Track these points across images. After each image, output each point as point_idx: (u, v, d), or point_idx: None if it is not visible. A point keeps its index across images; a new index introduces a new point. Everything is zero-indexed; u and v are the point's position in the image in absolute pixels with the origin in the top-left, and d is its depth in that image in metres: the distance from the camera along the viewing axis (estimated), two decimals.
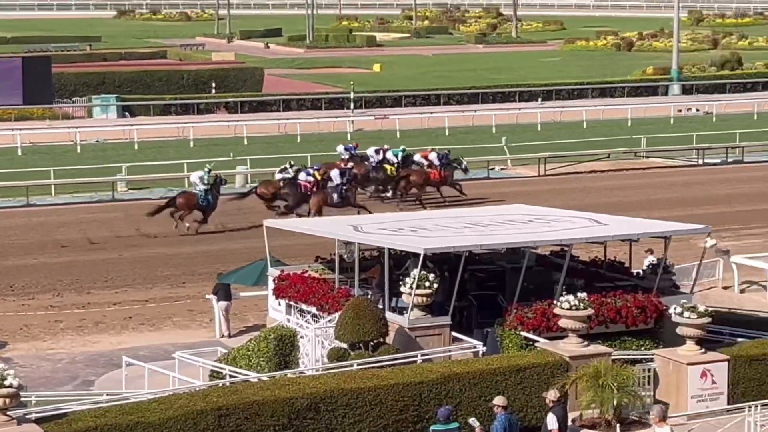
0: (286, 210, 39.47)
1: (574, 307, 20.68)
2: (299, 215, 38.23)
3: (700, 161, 51.26)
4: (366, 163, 42.80)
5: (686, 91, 77.76)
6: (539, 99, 72.83)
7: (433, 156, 43.04)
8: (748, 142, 53.30)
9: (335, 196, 39.28)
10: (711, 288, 30.41)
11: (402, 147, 44.94)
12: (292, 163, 41.48)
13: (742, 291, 30.51)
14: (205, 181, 39.00)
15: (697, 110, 67.99)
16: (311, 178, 39.80)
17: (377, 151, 43.34)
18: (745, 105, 67.49)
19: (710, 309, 21.46)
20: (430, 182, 42.44)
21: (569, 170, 49.55)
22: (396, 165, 42.69)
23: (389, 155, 43.08)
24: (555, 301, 21.22)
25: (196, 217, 38.96)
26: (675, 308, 20.75)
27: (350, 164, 41.28)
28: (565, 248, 23.81)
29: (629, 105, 66.88)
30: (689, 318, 20.53)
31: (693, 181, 47.32)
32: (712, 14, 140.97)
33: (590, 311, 20.97)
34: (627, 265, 25.61)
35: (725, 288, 30.59)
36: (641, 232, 24.73)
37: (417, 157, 43.31)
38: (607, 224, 25.54)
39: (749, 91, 77.14)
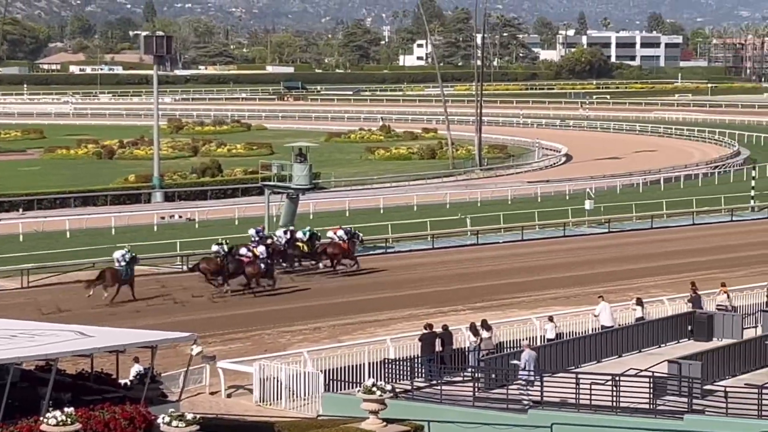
0: (224, 281, 45.38)
1: (61, 423, 20.24)
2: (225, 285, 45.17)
3: (185, 267, 51.83)
4: (277, 242, 49.62)
5: (169, 198, 78.81)
6: (20, 209, 71.32)
7: (341, 232, 50.90)
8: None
9: (262, 266, 45.88)
10: (198, 394, 30.70)
11: (308, 227, 52.11)
12: (226, 240, 47.07)
13: (229, 396, 31.01)
14: (127, 259, 44.70)
15: (180, 216, 68.84)
16: (250, 254, 46.07)
17: (285, 232, 50.60)
18: (226, 211, 69.10)
19: (198, 416, 21.61)
20: (345, 253, 50.39)
21: (53, 281, 48.57)
22: (306, 242, 50.50)
23: (299, 234, 50.72)
24: (42, 418, 20.67)
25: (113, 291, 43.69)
26: (163, 417, 20.77)
27: (268, 242, 48.26)
28: (51, 362, 23.30)
29: (112, 213, 66.73)
30: (177, 427, 20.60)
31: (177, 287, 47.69)
32: (191, 122, 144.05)
33: (78, 426, 20.59)
34: (114, 376, 25.40)
35: (212, 393, 30.99)
36: (127, 342, 24.67)
37: (330, 234, 51.23)
38: (93, 336, 25.25)
39: (230, 197, 79.31)
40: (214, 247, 46.67)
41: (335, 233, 51.27)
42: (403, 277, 50.01)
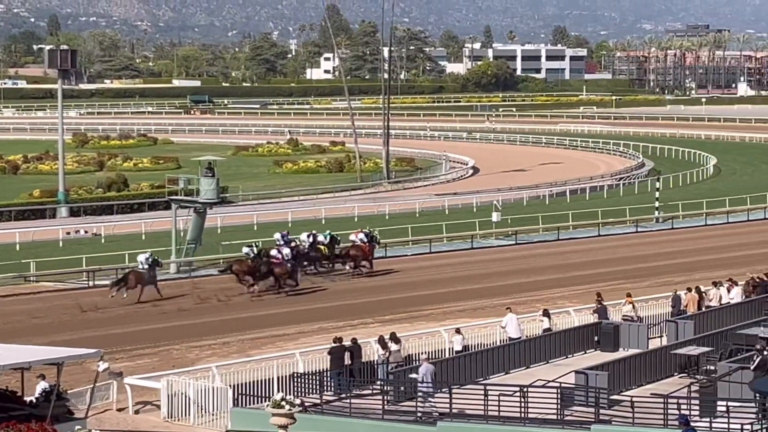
0: (254, 282, 47.60)
1: None
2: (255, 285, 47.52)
3: (91, 283, 51.32)
4: (301, 245, 51.52)
5: (74, 213, 77.99)
6: None
7: (361, 235, 53.04)
8: (136, 263, 53.83)
9: (289, 267, 48.38)
10: (106, 411, 30.40)
11: (328, 232, 54.16)
12: (257, 243, 50.62)
13: (136, 412, 30.75)
14: (150, 262, 47.47)
15: (86, 232, 68.14)
16: (279, 255, 48.46)
17: (308, 236, 52.51)
18: (133, 226, 68.53)
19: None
20: (365, 256, 52.43)
21: None
22: (326, 245, 52.46)
23: (320, 238, 52.55)
24: None
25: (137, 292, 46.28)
26: None
27: (292, 245, 50.15)
28: None
29: (17, 229, 65.88)
30: None
31: (83, 303, 47.18)
32: (97, 136, 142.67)
33: None
34: (20, 393, 25.07)
35: (120, 410, 30.71)
36: (32, 359, 24.36)
37: (352, 237, 53.45)
38: None
39: (136, 211, 78.65)
40: (245, 249, 49.94)
41: (356, 236, 53.55)
42: (311, 291, 49.91)
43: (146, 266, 47.53)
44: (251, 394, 30.05)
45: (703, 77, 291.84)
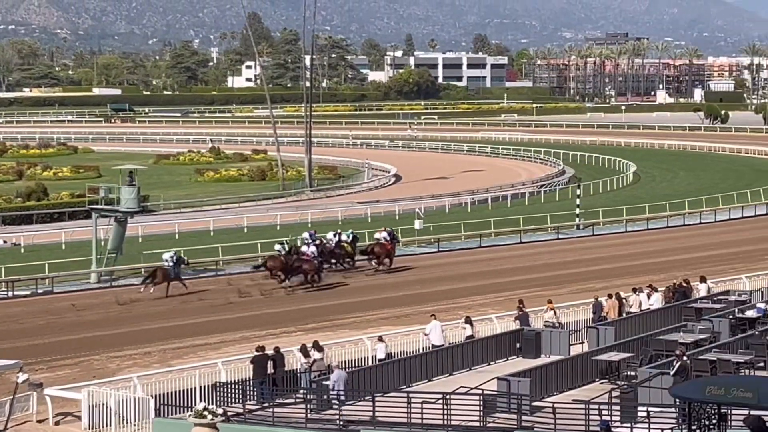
0: (286, 277, 50.72)
1: None
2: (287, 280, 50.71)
3: (10, 293, 50.75)
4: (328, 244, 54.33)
5: None
6: None
7: (384, 234, 56.35)
8: (57, 272, 53.47)
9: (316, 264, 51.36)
10: (26, 422, 30.06)
11: (350, 231, 57.41)
12: (287, 240, 53.28)
13: (57, 423, 30.42)
14: (174, 260, 50.12)
15: (5, 242, 67.35)
16: (310, 252, 51.41)
17: (334, 235, 55.35)
18: (53, 235, 67.84)
19: None
20: (387, 253, 55.64)
21: None
22: (349, 244, 55.43)
23: (344, 237, 55.38)
24: None
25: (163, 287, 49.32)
26: None
27: (317, 242, 52.76)
28: None
29: None
30: None
31: (6, 314, 46.65)
32: (16, 145, 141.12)
33: None
34: None
35: (40, 421, 30.37)
36: None
37: (377, 235, 56.96)
38: None
39: (56, 221, 77.85)
40: (277, 246, 52.41)
41: (380, 234, 56.76)
42: (234, 300, 49.71)
43: (171, 263, 50.21)
44: (173, 404, 29.84)
45: (623, 85, 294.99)
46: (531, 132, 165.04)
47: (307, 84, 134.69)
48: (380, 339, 34.41)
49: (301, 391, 30.59)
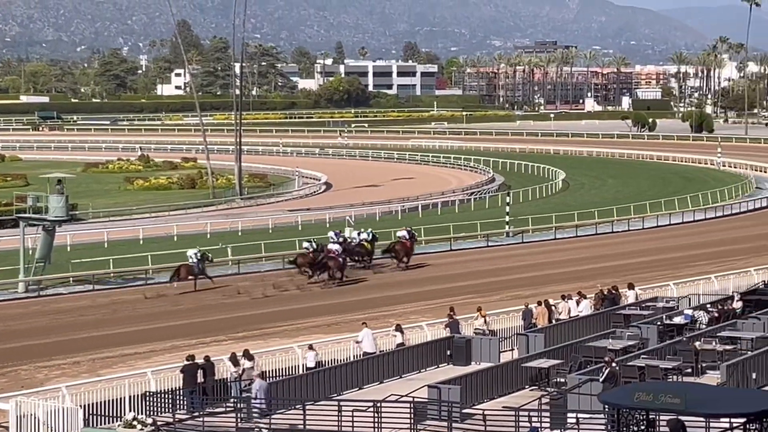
0: (313, 273, 54.29)
1: None
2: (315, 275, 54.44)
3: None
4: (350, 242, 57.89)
5: None
6: None
7: (404, 233, 60.41)
8: None
9: (340, 261, 54.81)
10: None
11: (370, 230, 60.73)
12: (314, 238, 56.98)
13: None
14: (198, 257, 53.34)
15: None
16: (335, 249, 54.77)
17: (359, 234, 59.21)
18: None
19: None
20: (407, 251, 59.35)
21: None
22: (369, 242, 58.64)
23: (362, 236, 58.70)
24: None
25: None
26: None
27: (340, 240, 56.25)
28: None
29: None
30: None
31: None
32: None
33: None
34: None
35: None
36: None
37: (400, 233, 60.87)
38: None
39: None
40: (305, 244, 56.18)
41: (401, 233, 60.58)
42: (163, 309, 49.48)
43: (195, 260, 53.47)
44: (102, 414, 29.60)
45: (552, 93, 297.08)
46: (461, 140, 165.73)
47: (237, 92, 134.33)
48: (311, 347, 34.37)
49: (232, 401, 30.47)
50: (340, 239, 56.76)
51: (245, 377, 31.72)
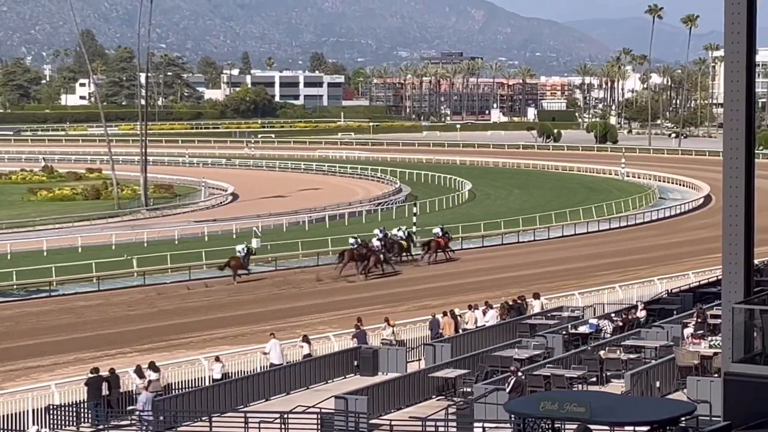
0: (360, 266, 59.66)
1: None
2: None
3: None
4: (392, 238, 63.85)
5: None
6: None
7: (437, 230, 66.18)
8: None
9: (381, 257, 60.51)
10: None
11: (405, 227, 67.30)
12: (357, 236, 62.09)
13: None
14: (245, 251, 59.47)
15: None
16: (376, 245, 60.81)
17: (399, 230, 65.54)
18: None
19: None
20: (441, 247, 65.19)
21: None
22: (405, 239, 64.67)
23: (399, 233, 64.69)
24: None
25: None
26: None
27: (380, 236, 62.37)
28: None
29: None
30: None
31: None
32: None
33: None
34: None
35: None
36: None
37: (434, 231, 66.71)
38: None
39: None
40: (351, 240, 60.82)
41: (436, 230, 66.28)
42: (66, 321, 48.92)
43: (243, 254, 59.21)
44: (5, 427, 29.18)
45: (458, 104, 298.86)
46: (368, 150, 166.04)
47: (143, 102, 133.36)
48: (217, 359, 34.17)
49: (137, 413, 30.19)
50: (379, 236, 62.54)
51: (151, 389, 31.46)
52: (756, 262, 34.11)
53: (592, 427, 18.93)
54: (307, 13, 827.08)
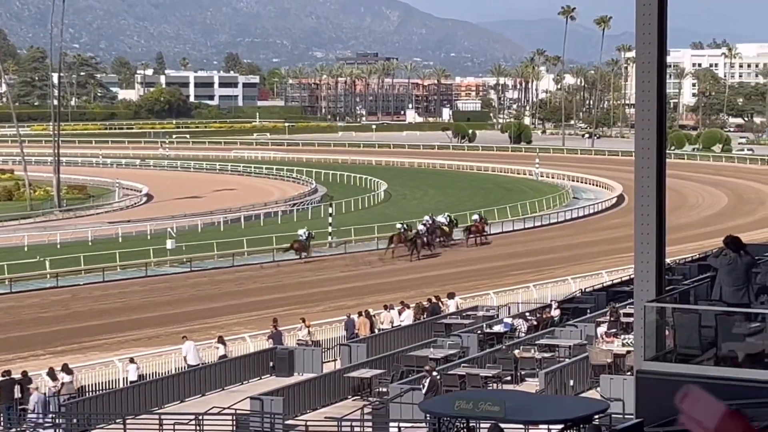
0: (409, 249, 66.76)
1: None
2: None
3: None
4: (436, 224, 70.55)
5: None
6: None
7: (475, 216, 74.43)
8: None
9: (425, 240, 67.36)
10: None
11: (447, 214, 74.51)
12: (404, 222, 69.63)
13: None
14: (306, 235, 66.02)
15: None
16: (423, 228, 67.82)
17: (445, 217, 72.67)
18: None
19: None
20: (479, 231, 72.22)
21: None
22: (447, 225, 71.52)
23: (442, 220, 71.71)
24: None
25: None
26: None
27: (424, 221, 69.57)
28: None
29: None
30: None
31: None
32: None
33: None
34: None
35: None
36: None
37: (474, 217, 75.20)
38: None
39: None
40: (398, 225, 68.92)
41: (474, 216, 74.56)
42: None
43: (304, 237, 66.11)
44: None
45: (373, 104, 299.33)
46: (283, 151, 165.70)
47: (55, 102, 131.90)
48: (132, 360, 33.92)
49: (50, 415, 29.88)
50: (424, 221, 69.38)
51: (64, 392, 31.16)
52: (668, 261, 34.58)
53: (507, 426, 19.06)
54: (222, 13, 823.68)
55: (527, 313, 39.68)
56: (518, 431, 22.11)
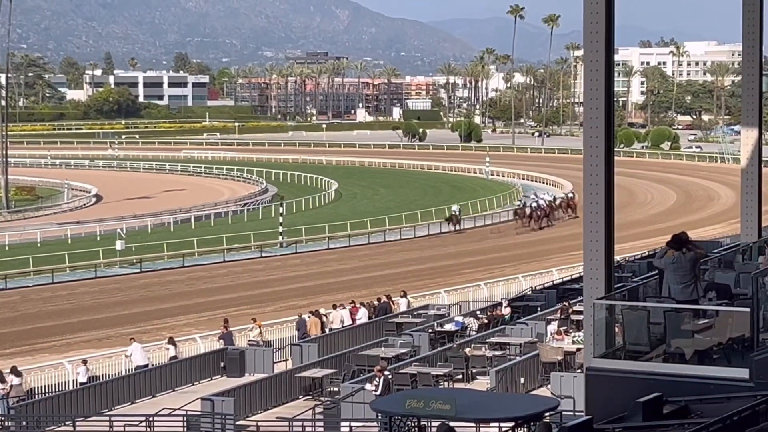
0: (528, 221, 78.71)
1: None
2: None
3: None
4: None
5: None
6: None
7: (570, 194, 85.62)
8: None
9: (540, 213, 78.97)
10: None
11: (551, 193, 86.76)
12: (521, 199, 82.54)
13: None
14: (458, 210, 79.43)
15: None
16: (542, 204, 79.75)
17: (548, 195, 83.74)
18: None
19: None
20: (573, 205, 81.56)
21: None
22: (550, 203, 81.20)
23: (549, 198, 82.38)
24: None
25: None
26: None
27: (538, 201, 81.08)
28: None
29: None
30: None
31: None
32: None
33: None
34: None
35: None
36: None
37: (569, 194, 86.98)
38: None
39: None
40: (516, 202, 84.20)
41: (568, 193, 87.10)
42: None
43: (457, 211, 78.35)
44: None
45: (324, 104, 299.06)
46: (233, 150, 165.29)
47: (3, 103, 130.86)
48: (84, 362, 33.71)
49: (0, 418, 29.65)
50: (533, 197, 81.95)
51: (13, 394, 30.91)
52: (617, 258, 34.78)
53: (459, 424, 19.08)
54: (171, 12, 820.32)
55: (478, 312, 39.74)
56: (469, 429, 22.16)
